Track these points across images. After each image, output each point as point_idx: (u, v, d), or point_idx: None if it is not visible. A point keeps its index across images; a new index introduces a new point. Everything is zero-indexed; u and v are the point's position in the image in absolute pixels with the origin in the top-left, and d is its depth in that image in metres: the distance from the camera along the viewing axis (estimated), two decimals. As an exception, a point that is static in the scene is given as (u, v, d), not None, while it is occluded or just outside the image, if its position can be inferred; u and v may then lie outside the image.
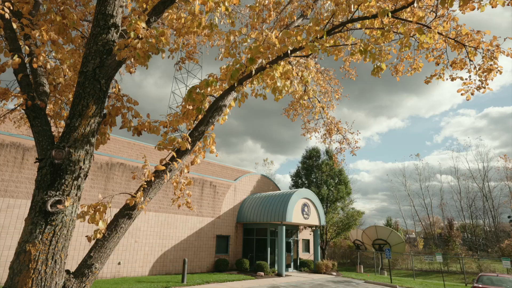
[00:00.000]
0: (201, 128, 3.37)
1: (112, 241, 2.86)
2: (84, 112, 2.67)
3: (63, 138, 2.61)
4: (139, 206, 2.94)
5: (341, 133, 6.32)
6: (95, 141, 2.77)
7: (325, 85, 6.02)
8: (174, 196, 3.71)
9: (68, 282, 2.52)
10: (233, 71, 3.06)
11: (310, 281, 18.87)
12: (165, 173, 3.07)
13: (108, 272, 16.34)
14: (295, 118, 6.46)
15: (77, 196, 2.61)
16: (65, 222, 2.44)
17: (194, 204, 21.15)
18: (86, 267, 2.71)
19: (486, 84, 3.91)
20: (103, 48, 2.77)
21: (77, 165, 2.55)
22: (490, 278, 13.03)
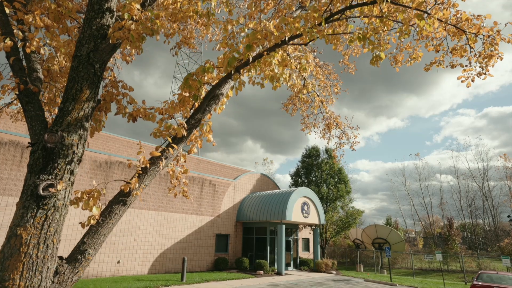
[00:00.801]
0: (197, 116, 3.33)
1: (106, 227, 2.82)
2: (78, 96, 2.63)
3: (56, 122, 2.57)
4: (134, 193, 2.90)
5: (340, 127, 6.27)
6: (89, 126, 2.73)
7: (324, 79, 5.98)
8: (171, 185, 3.66)
9: (60, 267, 2.48)
10: (230, 59, 3.02)
11: (309, 280, 18.84)
12: (161, 160, 3.03)
13: (107, 270, 16.30)
14: (294, 112, 6.42)
15: (70, 181, 2.57)
16: (57, 207, 2.40)
17: (194, 203, 21.11)
18: (80, 252, 2.67)
19: (486, 70, 3.87)
20: (98, 33, 2.72)
21: (70, 149, 2.51)
22: (490, 276, 13.01)
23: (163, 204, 19.42)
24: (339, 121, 6.22)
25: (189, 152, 3.51)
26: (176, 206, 20.04)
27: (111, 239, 16.70)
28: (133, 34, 2.51)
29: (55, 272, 2.41)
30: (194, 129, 3.28)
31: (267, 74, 3.36)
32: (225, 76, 3.37)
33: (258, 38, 3.08)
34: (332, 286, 17.05)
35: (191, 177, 21.32)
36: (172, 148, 3.11)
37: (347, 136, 6.37)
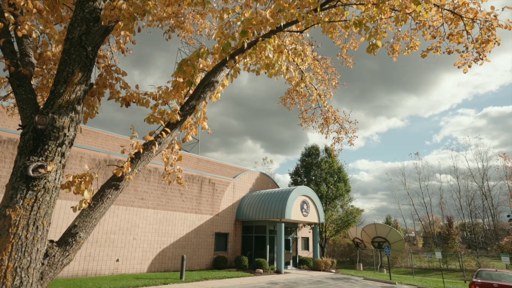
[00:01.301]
0: (192, 103, 3.30)
1: (97, 211, 2.79)
2: (70, 78, 2.59)
3: (47, 105, 2.53)
4: (127, 177, 2.87)
5: (338, 122, 6.23)
6: (81, 110, 2.70)
7: (322, 73, 5.95)
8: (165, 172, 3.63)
9: (51, 249, 2.45)
10: (225, 45, 2.99)
11: (309, 278, 18.81)
12: (154, 145, 3.00)
13: (106, 269, 16.28)
14: (292, 107, 6.39)
15: (61, 163, 2.54)
16: (47, 188, 2.37)
17: (193, 202, 21.08)
18: (70, 235, 2.64)
19: (483, 56, 3.84)
20: (90, 16, 2.70)
21: (61, 131, 2.48)
22: (489, 273, 12.99)
23: (162, 203, 19.39)
24: (337, 115, 6.19)
25: (184, 140, 3.48)
26: (175, 205, 20.02)
27: (110, 238, 16.67)
28: (124, 13, 2.49)
29: (45, 254, 2.38)
30: (189, 116, 3.25)
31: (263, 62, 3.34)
32: (220, 63, 3.35)
33: (253, 24, 3.05)
34: (331, 284, 17.03)
35: (190, 175, 21.30)
36: (166, 133, 3.08)
37: (345, 131, 6.35)
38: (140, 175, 18.65)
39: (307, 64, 5.25)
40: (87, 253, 15.69)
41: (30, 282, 2.17)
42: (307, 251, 27.07)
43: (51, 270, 2.40)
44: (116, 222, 17.05)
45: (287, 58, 4.40)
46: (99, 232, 16.27)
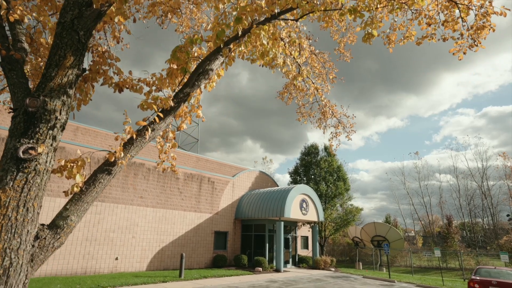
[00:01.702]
0: (186, 90, 3.28)
1: (89, 195, 2.78)
2: (61, 62, 2.58)
3: (39, 88, 2.52)
4: (119, 162, 2.86)
5: (336, 116, 6.22)
6: (73, 94, 2.68)
7: (319, 67, 5.93)
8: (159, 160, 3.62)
9: (41, 232, 2.44)
10: (219, 32, 2.98)
11: (308, 276, 18.80)
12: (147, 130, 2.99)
13: (105, 267, 16.26)
14: (290, 101, 6.36)
15: (52, 146, 2.53)
16: (38, 171, 2.36)
17: (192, 200, 21.07)
18: (62, 219, 2.63)
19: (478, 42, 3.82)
20: (82, 0, 2.69)
21: (53, 114, 2.47)
22: (488, 271, 12.98)
23: (161, 201, 19.38)
24: (334, 109, 6.17)
25: (179, 128, 3.47)
26: (174, 203, 20.01)
27: (109, 236, 16.66)
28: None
29: (36, 236, 2.37)
30: (183, 103, 3.24)
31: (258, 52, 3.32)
32: (215, 50, 3.34)
33: (248, 11, 3.04)
34: (330, 282, 17.01)
35: (190, 174, 21.29)
36: (159, 120, 3.07)
37: (343, 125, 6.33)
38: (139, 173, 18.65)
39: (304, 58, 5.24)
40: (86, 251, 15.67)
41: (20, 263, 2.16)
42: (307, 250, 27.07)
43: (41, 253, 2.39)
44: (115, 220, 17.03)
45: (283, 51, 4.39)
46: (98, 230, 16.26)
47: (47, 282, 12.64)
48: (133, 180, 18.27)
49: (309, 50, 5.49)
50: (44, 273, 14.18)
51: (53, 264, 14.54)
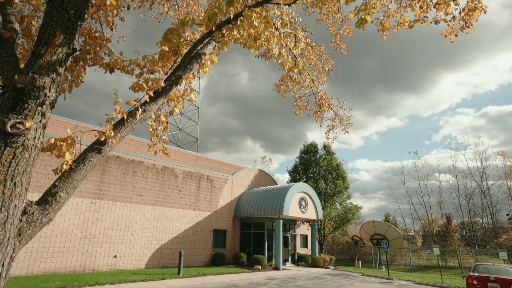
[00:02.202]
0: (178, 73, 3.28)
1: (79, 173, 2.78)
2: (51, 40, 2.58)
3: (28, 65, 2.52)
4: (109, 141, 2.85)
5: (332, 109, 6.21)
6: (63, 72, 2.68)
7: (315, 59, 5.93)
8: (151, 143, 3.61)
9: (29, 207, 2.44)
10: (211, 14, 2.98)
11: (307, 274, 18.80)
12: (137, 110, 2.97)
13: (104, 265, 16.25)
14: (286, 94, 6.36)
15: (41, 123, 2.53)
16: (26, 146, 2.35)
17: (191, 198, 21.06)
18: (50, 195, 2.62)
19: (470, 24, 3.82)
20: (72, -22, 2.69)
21: (42, 91, 2.47)
22: (487, 267, 12.98)
23: (160, 199, 19.38)
24: (331, 101, 6.17)
25: (172, 112, 3.47)
26: (173, 201, 20.00)
27: (108, 234, 16.65)
28: (105, -28, 2.49)
29: (24, 211, 2.37)
30: (175, 86, 3.23)
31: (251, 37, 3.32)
32: (207, 34, 3.33)
33: (239, -7, 3.04)
34: (329, 279, 17.01)
35: (188, 172, 21.29)
36: (151, 101, 3.07)
37: (339, 118, 6.33)
38: (138, 171, 18.64)
39: (300, 49, 5.24)
40: (84, 249, 15.66)
41: (7, 237, 2.16)
42: (306, 249, 27.07)
43: (29, 228, 2.39)
44: (113, 218, 17.03)
45: (279, 41, 4.39)
46: (96, 228, 16.25)
47: (45, 279, 12.64)
48: (131, 177, 18.27)
49: (305, 41, 5.49)
50: (42, 270, 14.18)
51: (51, 262, 14.53)
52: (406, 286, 16.44)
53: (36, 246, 14.18)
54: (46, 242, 14.52)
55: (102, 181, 17.02)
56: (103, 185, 17.00)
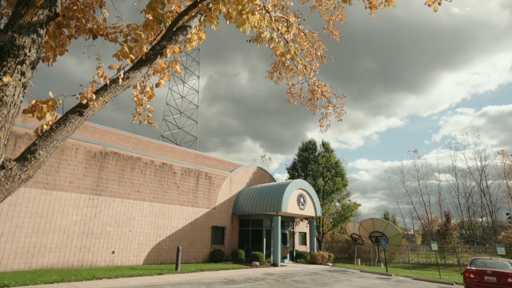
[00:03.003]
0: (163, 43, 3.29)
1: (59, 133, 2.78)
2: (32, 1, 2.59)
3: (8, 25, 2.54)
4: (91, 103, 2.86)
5: (325, 95, 6.22)
6: (44, 34, 2.68)
7: (308, 46, 5.94)
8: (136, 112, 3.62)
9: (7, 162, 2.45)
10: (196, -17, 3.00)
11: (305, 270, 18.80)
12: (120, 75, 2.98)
13: (101, 260, 16.26)
14: (279, 81, 6.36)
15: (21, 82, 2.54)
16: (5, 102, 2.37)
17: (189, 195, 21.07)
18: (29, 152, 2.63)
19: None
20: None
21: (22, 50, 2.49)
22: (484, 261, 12.98)
23: (158, 195, 19.39)
24: (324, 88, 6.17)
25: (158, 85, 3.48)
26: (171, 198, 20.01)
27: (106, 230, 16.66)
28: None
29: (1, 166, 2.38)
30: (159, 56, 3.24)
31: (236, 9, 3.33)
32: (191, 4, 3.35)
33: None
34: (327, 275, 17.02)
35: (187, 169, 21.30)
36: (134, 69, 3.08)
37: (333, 105, 6.33)
38: (136, 168, 18.66)
39: (292, 35, 5.26)
40: (82, 244, 15.68)
41: None
42: (305, 246, 27.06)
43: (7, 182, 2.39)
44: (111, 214, 17.04)
45: (269, 24, 4.41)
46: (94, 224, 16.26)
47: (42, 273, 12.65)
48: (130, 174, 18.29)
49: (297, 27, 5.51)
50: (40, 265, 14.19)
51: (49, 257, 14.54)
52: (404, 281, 16.43)
53: (34, 241, 14.19)
54: (44, 238, 14.53)
55: (100, 177, 17.04)
56: (101, 181, 17.01)
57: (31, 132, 15.07)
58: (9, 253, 13.50)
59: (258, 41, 4.77)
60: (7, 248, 13.47)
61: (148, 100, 3.36)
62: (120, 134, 22.33)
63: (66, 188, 15.65)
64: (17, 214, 13.95)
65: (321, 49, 6.05)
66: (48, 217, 14.81)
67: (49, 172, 15.21)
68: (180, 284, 12.34)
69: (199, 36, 3.75)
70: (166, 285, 11.92)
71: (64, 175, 15.70)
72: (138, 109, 3.49)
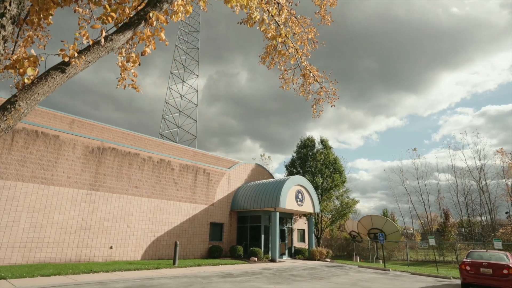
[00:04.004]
0: (147, 9, 3.32)
1: (40, 87, 2.80)
2: None
3: None
4: (72, 61, 2.87)
5: (317, 80, 6.23)
6: None
7: (300, 31, 5.95)
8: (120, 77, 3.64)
9: None
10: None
11: (303, 265, 18.82)
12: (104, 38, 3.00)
13: (99, 255, 16.28)
14: (272, 66, 6.37)
15: (1, 34, 2.56)
16: None
17: (188, 191, 21.09)
18: (10, 103, 2.65)
19: None
20: None
21: (2, 4, 2.50)
22: (480, 254, 13.00)
23: (156, 191, 19.41)
24: (315, 72, 6.18)
25: (143, 53, 3.50)
26: (169, 194, 20.04)
27: (104, 225, 16.68)
28: None
29: None
30: (143, 21, 3.26)
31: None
32: None
33: None
34: (324, 270, 17.03)
35: (185, 165, 21.33)
36: (118, 32, 3.10)
37: (325, 90, 6.35)
38: (133, 163, 18.67)
39: (283, 18, 5.29)
40: (80, 239, 15.69)
41: None
42: (303, 243, 27.07)
43: None
44: (109, 209, 17.06)
45: (259, 5, 4.44)
46: (92, 219, 16.28)
47: (39, 267, 12.67)
48: (127, 169, 18.31)
49: (288, 10, 5.53)
50: (37, 260, 14.20)
51: (46, 252, 14.56)
52: (401, 275, 16.45)
53: (31, 236, 14.21)
54: (42, 232, 14.55)
55: (98, 172, 17.06)
56: (99, 176, 17.04)
57: (28, 127, 15.10)
58: (7, 247, 13.52)
59: (249, 23, 4.81)
60: (5, 242, 13.49)
61: (133, 65, 3.38)
62: (118, 131, 22.39)
63: (64, 183, 15.67)
64: (14, 209, 13.97)
65: (312, 32, 6.05)
66: (46, 211, 14.83)
67: (46, 167, 15.23)
68: (177, 277, 12.36)
69: (186, 10, 3.77)
70: (163, 278, 11.94)
71: (62, 170, 15.72)
72: (122, 74, 3.51)
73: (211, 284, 10.96)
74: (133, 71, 3.50)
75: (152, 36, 3.39)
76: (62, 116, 19.64)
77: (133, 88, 3.59)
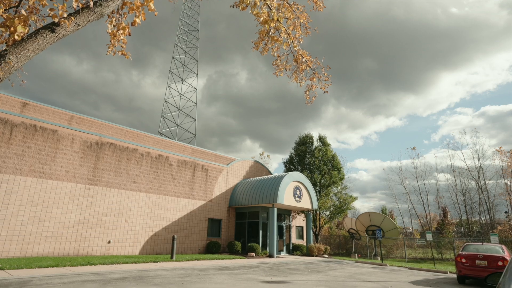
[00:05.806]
0: None
1: (30, 44, 2.86)
2: None
3: None
4: (61, 21, 2.94)
5: (309, 65, 6.28)
6: None
7: (292, 17, 6.01)
8: (110, 44, 3.70)
9: None
10: None
11: (300, 261, 18.87)
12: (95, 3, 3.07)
13: (97, 250, 16.34)
14: (265, 52, 6.43)
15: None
16: None
17: (186, 187, 21.15)
18: (0, 57, 2.72)
19: None
20: None
21: None
22: (476, 247, 13.05)
23: (155, 187, 19.47)
24: (307, 56, 6.24)
25: (133, 23, 3.57)
26: (167, 189, 20.09)
27: (102, 220, 16.74)
28: None
29: None
30: None
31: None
32: None
33: None
34: (322, 265, 17.09)
35: (183, 161, 21.39)
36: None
37: (318, 77, 6.41)
38: (132, 159, 18.74)
39: (275, 2, 5.36)
40: (78, 233, 15.75)
41: None
42: (302, 240, 27.11)
43: None
44: (107, 204, 17.12)
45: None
46: (90, 213, 16.34)
47: (37, 260, 12.73)
48: (126, 165, 18.37)
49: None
50: (36, 253, 14.26)
51: (44, 245, 14.62)
52: (398, 270, 16.50)
53: (29, 229, 14.26)
54: (40, 226, 14.61)
55: (96, 167, 17.12)
56: (97, 171, 17.10)
57: (27, 121, 15.17)
58: (5, 240, 13.58)
59: (241, 6, 4.88)
60: (3, 235, 13.55)
61: (122, 32, 3.44)
62: (117, 128, 22.45)
63: (62, 178, 15.73)
64: (12, 202, 14.03)
65: (304, 17, 6.11)
66: (44, 205, 14.89)
67: (45, 161, 15.30)
68: (174, 269, 12.43)
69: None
70: (160, 270, 12.00)
71: (60, 164, 15.78)
72: (112, 41, 3.57)
73: (207, 276, 11.03)
74: (122, 37, 3.56)
75: (141, 6, 3.46)
76: (61, 113, 19.71)
77: (123, 55, 3.65)
